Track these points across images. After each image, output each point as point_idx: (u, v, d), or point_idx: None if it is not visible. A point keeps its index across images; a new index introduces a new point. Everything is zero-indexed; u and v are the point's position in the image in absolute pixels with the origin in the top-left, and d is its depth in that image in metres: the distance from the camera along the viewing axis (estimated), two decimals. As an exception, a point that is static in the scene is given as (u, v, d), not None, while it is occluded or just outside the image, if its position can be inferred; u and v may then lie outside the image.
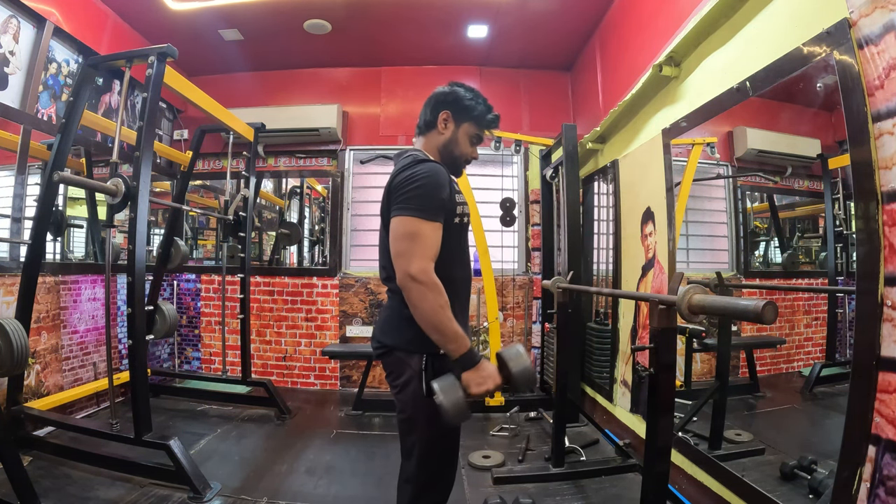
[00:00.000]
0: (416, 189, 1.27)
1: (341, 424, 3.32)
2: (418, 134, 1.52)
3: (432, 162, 1.36)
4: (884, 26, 1.19)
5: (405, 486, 1.38)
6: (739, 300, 1.17)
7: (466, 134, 1.46)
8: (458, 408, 1.22)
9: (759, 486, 1.71)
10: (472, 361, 1.24)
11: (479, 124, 1.47)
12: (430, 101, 1.48)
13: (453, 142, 1.46)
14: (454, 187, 1.38)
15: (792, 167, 2.26)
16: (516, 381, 1.27)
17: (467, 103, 1.44)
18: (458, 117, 1.45)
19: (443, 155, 1.46)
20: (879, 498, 1.18)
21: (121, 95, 2.93)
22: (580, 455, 2.65)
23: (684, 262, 2.61)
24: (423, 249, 1.24)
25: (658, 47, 2.55)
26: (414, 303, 1.24)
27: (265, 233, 4.94)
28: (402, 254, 1.25)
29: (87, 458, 2.40)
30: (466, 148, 1.48)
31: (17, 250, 2.78)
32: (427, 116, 1.47)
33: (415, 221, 1.25)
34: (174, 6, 3.46)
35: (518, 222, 4.18)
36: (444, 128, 1.45)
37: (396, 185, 1.31)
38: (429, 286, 1.22)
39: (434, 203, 1.28)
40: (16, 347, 2.13)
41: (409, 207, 1.26)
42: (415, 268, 1.22)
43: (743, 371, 2.44)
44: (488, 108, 1.48)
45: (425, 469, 1.36)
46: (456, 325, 1.24)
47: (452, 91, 1.46)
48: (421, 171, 1.29)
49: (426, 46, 4.18)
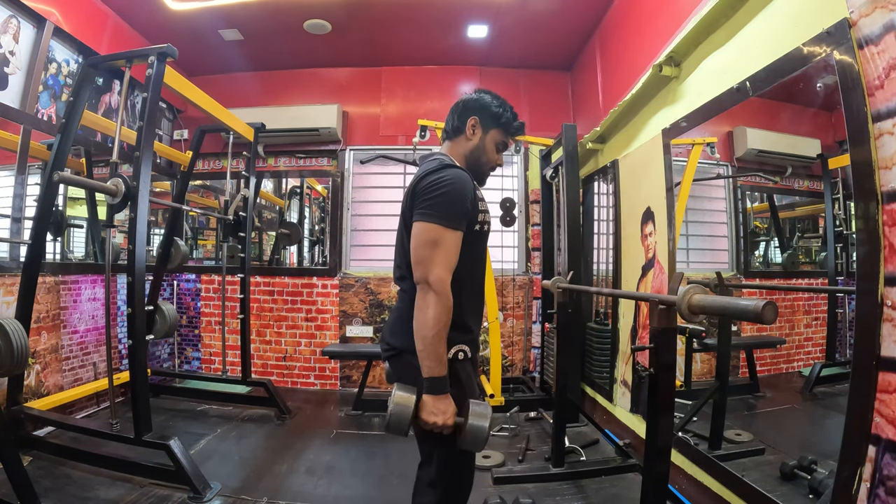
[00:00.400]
0: (441, 196, 1.27)
1: (341, 424, 3.32)
2: (445, 139, 1.52)
3: (458, 168, 1.36)
4: (884, 26, 1.19)
5: (428, 490, 1.38)
6: (739, 300, 1.16)
7: (493, 141, 1.47)
8: (400, 423, 1.21)
9: (759, 486, 1.71)
10: (439, 389, 1.23)
11: (507, 131, 1.48)
12: (458, 106, 1.49)
13: (480, 148, 1.46)
14: (478, 194, 1.38)
15: (792, 167, 2.26)
16: (466, 434, 1.22)
17: (495, 110, 1.45)
18: (486, 124, 1.46)
19: (469, 161, 1.46)
20: (879, 498, 1.18)
21: (121, 95, 2.93)
22: (580, 455, 2.65)
23: (684, 262, 2.61)
24: (443, 259, 1.25)
25: (658, 47, 2.55)
26: (420, 306, 1.24)
27: (265, 233, 4.94)
28: (423, 261, 1.25)
29: (87, 458, 2.40)
30: (493, 155, 1.49)
31: (17, 250, 2.78)
32: (455, 122, 1.48)
33: (438, 229, 1.25)
34: (174, 6, 3.46)
35: (518, 222, 4.18)
36: (471, 134, 1.46)
37: (422, 188, 1.30)
38: (441, 298, 1.23)
39: (458, 211, 1.28)
40: (16, 347, 2.13)
41: (433, 214, 1.26)
42: (434, 276, 1.23)
43: (743, 371, 2.44)
44: (514, 116, 1.49)
45: (447, 471, 1.36)
46: (443, 348, 1.24)
47: (480, 98, 1.47)
48: (447, 178, 1.29)
49: (426, 46, 4.18)
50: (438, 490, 1.36)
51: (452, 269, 1.27)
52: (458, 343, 1.33)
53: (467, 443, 1.24)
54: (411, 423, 1.24)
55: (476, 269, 1.40)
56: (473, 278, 1.40)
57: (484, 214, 1.38)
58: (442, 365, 1.24)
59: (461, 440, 1.25)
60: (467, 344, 1.36)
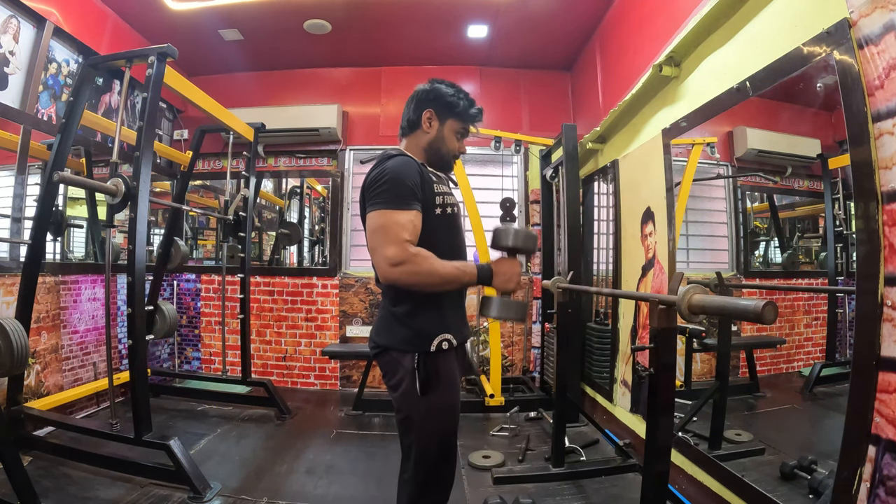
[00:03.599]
0: (384, 183, 1.27)
1: (341, 424, 3.32)
2: (402, 135, 1.51)
3: (401, 156, 1.36)
4: (884, 26, 1.19)
5: (405, 485, 1.39)
6: (739, 300, 1.16)
7: (452, 130, 1.46)
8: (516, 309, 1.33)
9: (759, 486, 1.71)
10: (490, 272, 1.30)
11: (464, 119, 1.47)
12: (412, 100, 1.48)
13: (439, 139, 1.45)
14: (430, 177, 1.37)
15: (792, 167, 2.26)
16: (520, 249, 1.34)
17: (450, 99, 1.44)
18: (442, 114, 1.44)
19: (429, 153, 1.45)
20: (879, 498, 1.18)
21: (121, 95, 2.93)
22: (580, 455, 2.65)
23: (684, 262, 2.61)
24: (394, 234, 1.23)
25: (658, 47, 2.55)
26: (410, 283, 1.24)
27: (265, 233, 4.94)
28: (376, 248, 1.25)
29: (87, 458, 2.40)
30: (453, 144, 1.48)
31: (17, 250, 2.78)
32: (410, 116, 1.47)
33: (385, 213, 1.25)
34: (174, 6, 3.46)
35: (518, 222, 4.17)
36: (428, 126, 1.45)
37: (368, 183, 1.32)
38: (410, 261, 1.22)
39: (404, 192, 1.27)
40: (16, 347, 2.13)
41: (379, 202, 1.26)
42: (390, 254, 1.21)
43: (743, 371, 2.44)
44: (471, 103, 1.47)
45: (423, 467, 1.36)
46: (454, 265, 1.28)
47: (434, 88, 1.45)
48: (388, 166, 1.30)
49: (426, 46, 4.18)
50: (415, 485, 1.36)
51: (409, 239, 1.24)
52: (440, 332, 1.33)
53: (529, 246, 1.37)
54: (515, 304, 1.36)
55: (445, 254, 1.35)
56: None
57: (443, 197, 1.37)
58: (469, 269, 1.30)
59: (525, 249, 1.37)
60: (450, 331, 1.35)
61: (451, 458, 1.41)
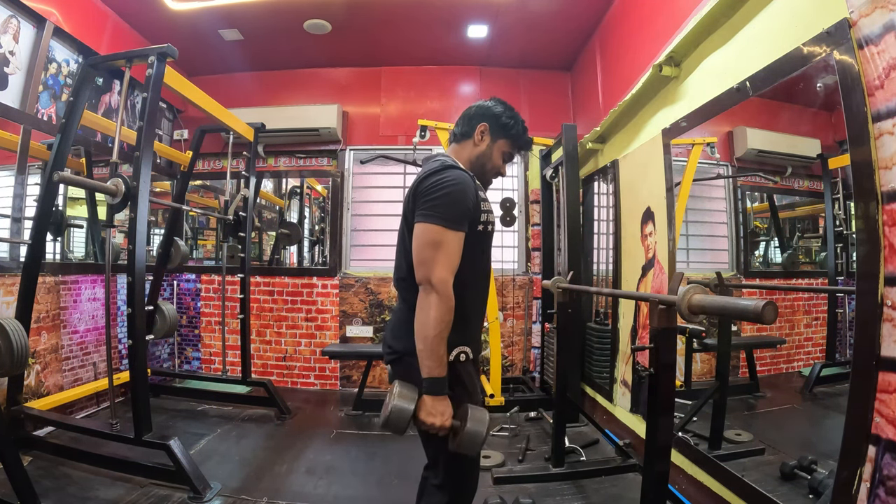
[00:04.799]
0: (443, 197, 1.27)
1: (341, 424, 3.32)
2: (452, 141, 1.53)
3: (460, 170, 1.36)
4: (884, 26, 1.19)
5: (435, 492, 1.39)
6: (739, 300, 1.17)
7: (500, 150, 1.49)
8: (400, 421, 1.21)
9: (759, 486, 1.71)
10: (438, 390, 1.23)
11: (515, 143, 1.50)
12: (470, 111, 1.50)
13: (486, 155, 1.47)
14: (480, 195, 1.38)
15: (792, 167, 2.26)
16: (464, 438, 1.22)
17: (506, 121, 1.46)
18: (496, 133, 1.47)
19: (473, 166, 1.47)
20: (879, 498, 1.18)
21: (121, 95, 2.93)
22: (580, 455, 2.65)
23: (684, 262, 2.61)
24: (446, 260, 1.25)
25: (658, 47, 2.55)
26: (422, 306, 1.24)
27: (265, 233, 4.94)
28: (426, 262, 1.26)
29: (87, 458, 2.40)
30: (498, 163, 1.50)
31: (17, 250, 2.78)
32: (464, 126, 1.49)
33: (440, 230, 1.25)
34: (174, 6, 3.46)
35: (518, 222, 4.18)
36: (479, 140, 1.47)
37: (423, 189, 1.30)
38: (442, 299, 1.23)
39: (459, 212, 1.28)
40: (16, 347, 2.13)
41: (435, 215, 1.26)
42: (436, 277, 1.23)
43: (743, 371, 2.44)
44: (525, 130, 1.51)
45: (454, 473, 1.37)
46: (443, 349, 1.25)
47: (494, 106, 1.48)
48: (448, 178, 1.29)
49: (426, 46, 4.18)
50: (446, 493, 1.37)
51: (454, 270, 1.27)
52: (460, 345, 1.33)
53: (463, 446, 1.24)
54: (409, 423, 1.24)
55: (479, 269, 1.40)
56: (476, 278, 1.40)
57: (487, 215, 1.39)
58: (442, 366, 1.24)
59: (457, 443, 1.24)
60: (468, 345, 1.36)
61: (477, 465, 1.44)
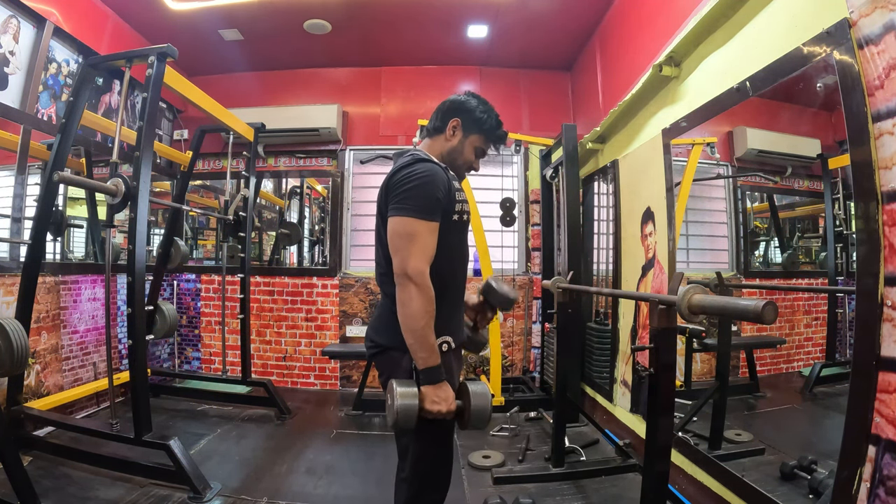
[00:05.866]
0: (413, 189, 1.27)
1: (341, 424, 3.32)
2: (424, 136, 1.53)
3: (431, 162, 1.36)
4: (884, 26, 1.19)
5: (402, 485, 1.39)
6: (739, 300, 1.17)
7: (472, 145, 1.48)
8: (408, 418, 1.22)
9: (759, 486, 1.71)
10: (436, 378, 1.24)
11: (487, 138, 1.49)
12: (443, 106, 1.49)
13: (458, 150, 1.47)
14: (454, 185, 1.38)
15: (792, 167, 2.26)
16: (471, 416, 1.24)
17: (479, 115, 1.45)
18: (468, 127, 1.46)
19: (445, 160, 1.46)
20: (879, 498, 1.18)
21: (121, 95, 2.93)
22: (580, 455, 2.65)
23: (684, 262, 2.61)
24: (420, 250, 1.25)
25: (658, 47, 2.55)
26: (403, 300, 1.25)
27: (265, 233, 4.94)
28: (400, 253, 1.26)
29: (87, 458, 2.40)
30: (470, 157, 1.49)
31: (17, 250, 2.77)
32: (437, 122, 1.48)
33: (412, 222, 1.26)
34: (174, 6, 3.46)
35: (518, 222, 4.18)
36: (451, 135, 1.46)
37: (394, 182, 1.31)
38: (421, 289, 1.23)
39: (430, 202, 1.28)
40: (16, 347, 2.13)
41: (407, 207, 1.27)
42: (411, 267, 1.23)
43: (743, 371, 2.44)
44: (499, 124, 1.49)
45: (421, 468, 1.36)
46: (433, 337, 1.25)
47: (467, 101, 1.47)
48: (419, 170, 1.30)
49: (426, 46, 4.18)
50: (413, 486, 1.36)
51: (430, 260, 1.27)
52: (442, 334, 1.33)
53: (473, 422, 1.25)
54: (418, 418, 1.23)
55: (454, 257, 1.40)
56: (453, 267, 1.40)
57: (461, 204, 1.39)
58: (435, 354, 1.25)
59: (466, 422, 1.25)
60: (449, 334, 1.36)
61: (448, 459, 1.41)
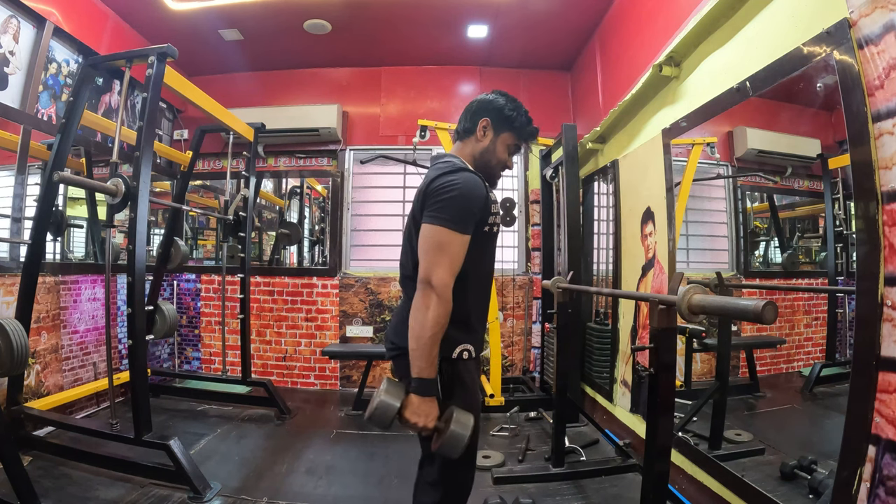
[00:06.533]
0: (451, 199, 1.26)
1: (341, 424, 3.32)
2: (456, 139, 1.52)
3: (469, 172, 1.35)
4: (884, 26, 1.19)
5: (429, 490, 1.39)
6: (739, 300, 1.16)
7: (504, 143, 1.46)
8: (384, 416, 1.22)
9: (759, 486, 1.71)
10: (427, 391, 1.24)
11: (519, 135, 1.47)
12: (472, 107, 1.48)
13: (490, 150, 1.45)
14: (490, 196, 1.37)
15: (792, 167, 2.26)
16: (447, 439, 1.22)
17: (508, 113, 1.44)
18: (498, 126, 1.45)
19: (478, 162, 1.45)
20: (879, 498, 1.18)
21: (121, 95, 2.93)
22: (580, 455, 2.65)
23: (684, 262, 2.61)
24: (448, 262, 1.24)
25: (658, 47, 2.55)
26: (419, 306, 1.24)
27: (265, 233, 4.94)
28: (428, 262, 1.25)
29: (87, 458, 2.40)
30: (503, 156, 1.48)
31: (17, 250, 2.77)
32: (466, 123, 1.47)
33: (446, 232, 1.25)
34: (174, 6, 3.46)
35: (518, 222, 4.18)
36: (482, 135, 1.45)
37: (432, 190, 1.30)
38: (441, 301, 1.23)
39: (467, 215, 1.28)
40: (16, 347, 2.13)
41: (442, 217, 1.26)
42: (437, 278, 1.23)
43: (743, 371, 2.44)
44: (529, 120, 1.48)
45: (449, 472, 1.36)
46: (436, 350, 1.24)
47: (494, 99, 1.46)
48: (457, 181, 1.29)
49: (426, 46, 4.18)
50: (440, 490, 1.37)
51: (455, 274, 1.26)
52: (463, 343, 1.34)
53: (444, 448, 1.24)
54: (394, 420, 1.24)
55: (483, 268, 1.40)
56: (480, 278, 1.40)
57: (494, 217, 1.38)
58: (432, 367, 1.24)
59: (439, 444, 1.24)
60: (472, 343, 1.36)
61: (473, 462, 1.42)
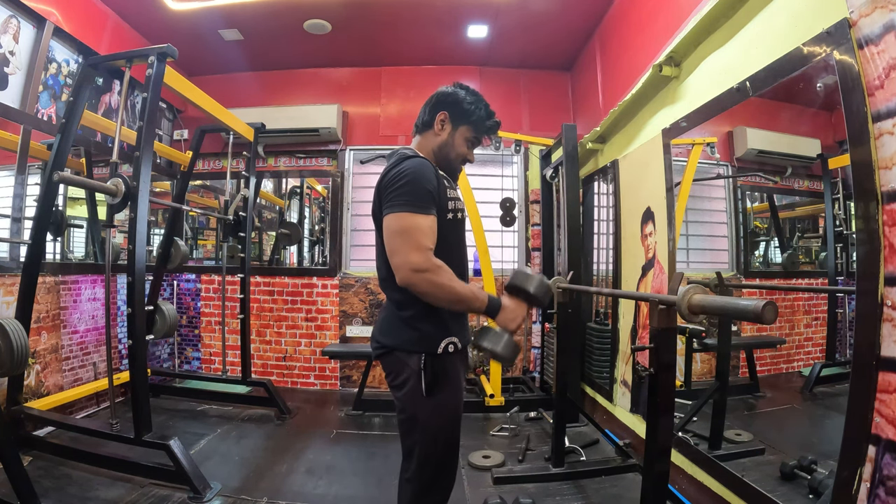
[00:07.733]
0: (403, 185, 1.26)
1: (341, 424, 3.32)
2: (415, 133, 1.50)
3: (419, 157, 1.36)
4: (884, 26, 1.19)
5: (406, 486, 1.39)
6: (739, 300, 1.16)
7: (462, 137, 1.44)
8: (510, 348, 1.31)
9: (759, 486, 1.71)
10: (498, 305, 1.33)
11: (477, 129, 1.45)
12: (431, 100, 1.46)
13: (448, 144, 1.44)
14: (444, 182, 1.37)
15: (792, 167, 2.26)
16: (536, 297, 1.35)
17: (466, 106, 1.42)
18: (456, 119, 1.43)
19: (437, 156, 1.44)
20: (879, 498, 1.18)
21: (121, 95, 2.93)
22: (580, 455, 2.65)
23: (684, 262, 2.61)
24: (417, 240, 1.23)
25: (658, 47, 2.55)
26: (425, 291, 1.24)
27: (265, 233, 4.94)
28: (398, 250, 1.24)
29: (87, 458, 2.40)
30: (462, 150, 1.46)
31: (17, 250, 2.77)
32: (425, 116, 1.46)
33: (407, 216, 1.25)
34: (174, 6, 3.46)
35: (518, 222, 4.18)
36: (440, 129, 1.43)
37: (385, 183, 1.31)
38: (433, 270, 1.23)
39: (424, 195, 1.27)
40: (16, 347, 2.13)
41: (400, 203, 1.25)
42: (414, 260, 1.22)
43: (743, 371, 2.44)
44: (489, 114, 1.45)
45: (426, 468, 1.36)
46: (469, 288, 1.30)
47: (454, 92, 1.44)
48: (407, 167, 1.29)
49: (426, 46, 4.18)
50: (415, 485, 1.36)
51: (432, 247, 1.26)
52: (446, 336, 1.34)
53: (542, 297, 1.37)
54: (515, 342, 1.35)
55: (455, 259, 1.38)
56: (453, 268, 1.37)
57: (454, 202, 1.38)
58: (481, 295, 1.31)
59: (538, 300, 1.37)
60: (455, 335, 1.36)
61: (453, 459, 1.41)
